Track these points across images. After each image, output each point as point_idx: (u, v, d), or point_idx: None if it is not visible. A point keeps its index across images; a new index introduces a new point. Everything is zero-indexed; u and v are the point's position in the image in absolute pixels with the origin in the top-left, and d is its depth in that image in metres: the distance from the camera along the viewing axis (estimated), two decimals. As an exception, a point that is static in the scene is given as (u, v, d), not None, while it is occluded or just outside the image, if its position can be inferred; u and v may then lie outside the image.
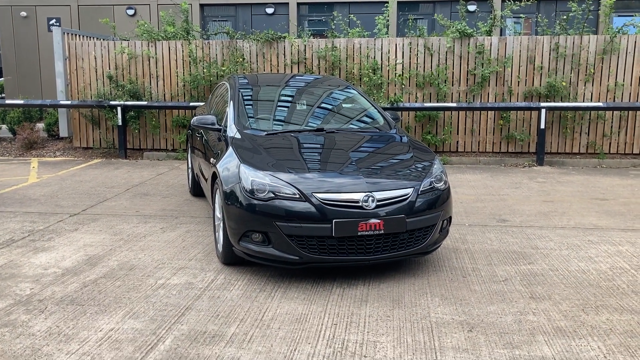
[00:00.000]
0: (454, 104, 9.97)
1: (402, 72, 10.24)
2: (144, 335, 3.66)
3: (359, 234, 4.26)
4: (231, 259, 4.77)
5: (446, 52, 10.17)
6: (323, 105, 6.05)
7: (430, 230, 4.57)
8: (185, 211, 6.83)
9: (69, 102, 10.75)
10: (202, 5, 17.32)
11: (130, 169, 9.79)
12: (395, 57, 10.26)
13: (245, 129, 5.28)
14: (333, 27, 10.85)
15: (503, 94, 10.22)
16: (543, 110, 9.72)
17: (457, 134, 10.43)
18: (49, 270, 4.83)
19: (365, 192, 4.32)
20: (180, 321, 3.86)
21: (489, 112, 10.22)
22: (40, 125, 12.31)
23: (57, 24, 17.59)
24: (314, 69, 10.40)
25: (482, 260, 5.08)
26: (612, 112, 10.09)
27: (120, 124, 10.50)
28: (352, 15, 16.11)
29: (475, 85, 10.16)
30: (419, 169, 4.78)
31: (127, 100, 10.51)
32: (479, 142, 10.42)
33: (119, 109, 10.42)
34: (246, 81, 6.17)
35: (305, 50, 10.40)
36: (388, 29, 15.11)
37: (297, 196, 4.30)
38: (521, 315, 3.93)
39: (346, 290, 4.38)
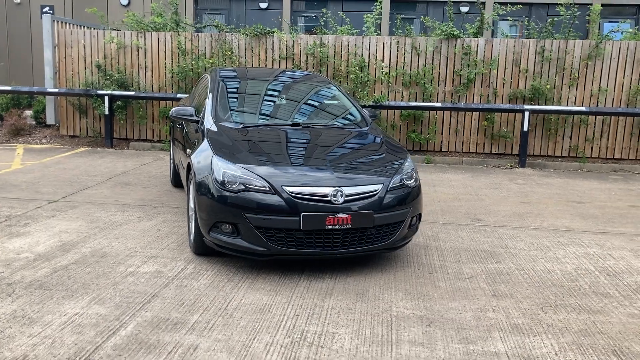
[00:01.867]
0: (439, 104, 10.04)
1: (389, 71, 10.30)
2: (107, 320, 3.72)
3: (327, 227, 4.32)
4: (202, 249, 4.83)
5: (433, 52, 10.24)
6: (301, 100, 6.11)
7: (399, 226, 4.64)
8: (164, 201, 6.88)
9: (56, 90, 10.75)
10: (196, -2, 17.34)
11: (114, 158, 9.82)
12: (383, 55, 10.32)
13: (222, 121, 5.34)
14: (322, 23, 10.90)
15: (488, 95, 10.30)
16: (526, 113, 9.80)
17: (442, 133, 10.51)
18: (22, 255, 4.87)
19: (334, 186, 4.39)
20: (145, 308, 3.92)
21: (474, 113, 10.30)
22: (29, 112, 12.31)
23: (50, 11, 17.57)
24: (302, 65, 10.45)
25: (451, 257, 5.15)
26: (595, 117, 10.19)
27: (107, 113, 10.53)
28: (344, 12, 16.19)
29: (460, 86, 10.24)
30: (390, 166, 4.84)
31: (114, 90, 10.53)
32: (462, 143, 10.50)
33: (106, 98, 10.45)
34: (227, 74, 6.22)
35: (293, 45, 10.45)
36: (380, 28, 15.22)
37: (267, 189, 4.36)
38: (481, 312, 4.01)
39: (313, 283, 4.45)
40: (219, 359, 3.28)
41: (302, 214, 4.29)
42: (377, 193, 4.52)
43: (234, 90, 6.00)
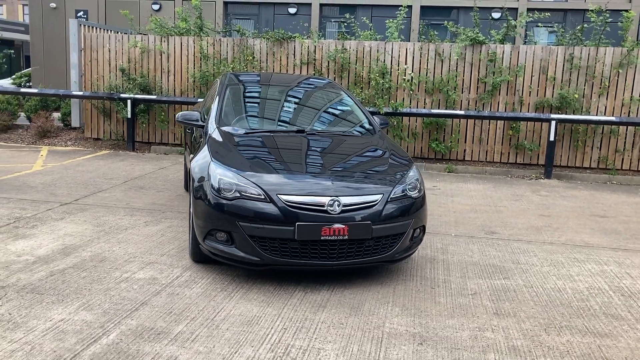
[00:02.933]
0: (462, 112, 9.80)
1: (412, 78, 10.11)
2: (92, 327, 3.66)
3: (322, 238, 4.19)
4: (199, 256, 4.75)
5: (457, 59, 10.00)
6: (309, 106, 6.00)
7: (399, 238, 4.47)
8: (175, 206, 6.85)
9: (81, 93, 10.91)
10: (225, 3, 17.44)
11: (134, 161, 9.89)
12: (406, 61, 10.14)
13: (225, 127, 5.26)
14: (344, 29, 10.78)
15: (514, 103, 10.00)
16: (553, 122, 9.48)
17: (465, 142, 10.25)
18: (22, 258, 4.88)
19: (331, 196, 4.25)
20: (131, 316, 3.85)
21: (498, 121, 10.02)
22: (56, 115, 12.54)
23: (85, 16, 17.94)
24: (323, 71, 10.35)
25: (457, 272, 4.95)
26: (626, 127, 9.79)
27: (129, 116, 10.62)
28: (374, 18, 16.02)
29: (485, 94, 9.97)
30: (393, 176, 4.68)
31: (137, 94, 10.62)
32: (486, 152, 10.22)
33: (128, 101, 10.54)
34: (236, 79, 6.16)
35: (315, 51, 10.35)
36: (408, 34, 15.01)
37: (262, 197, 4.26)
38: (479, 332, 3.82)
39: (308, 295, 4.32)
40: (195, 373, 3.18)
41: (297, 223, 4.16)
42: (377, 203, 4.36)
43: (241, 95, 5.92)
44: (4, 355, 3.28)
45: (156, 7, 17.43)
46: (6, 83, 19.64)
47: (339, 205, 4.24)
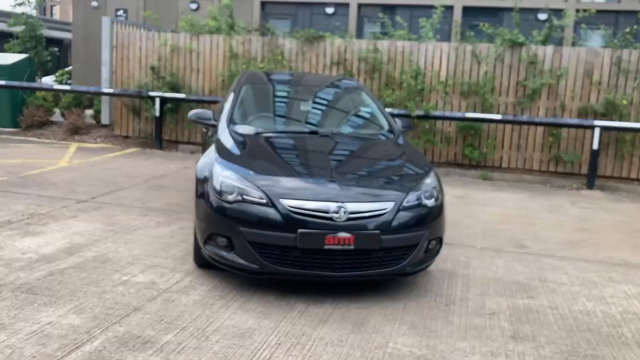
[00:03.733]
0: (499, 116, 9.33)
1: (447, 79, 9.71)
2: (78, 333, 3.48)
3: (326, 247, 3.91)
4: (202, 260, 4.53)
5: (495, 61, 9.55)
6: (326, 107, 5.73)
7: (411, 250, 4.14)
8: (191, 207, 6.53)
9: (110, 91, 10.93)
10: (263, 3, 17.32)
11: (160, 160, 9.80)
12: (440, 63, 9.75)
13: (235, 127, 5.03)
14: (382, 29, 10.46)
15: (555, 108, 9.47)
16: (597, 129, 8.92)
17: (502, 148, 9.77)
18: (25, 256, 4.77)
19: (337, 202, 3.96)
20: (121, 322, 3.66)
21: (538, 127, 9.50)
22: (89, 112, 12.62)
23: (124, 15, 18.14)
24: (354, 71, 10.05)
25: (477, 288, 4.59)
26: (679, 137, 9.14)
27: (157, 115, 10.56)
28: (415, 18, 15.61)
29: (524, 98, 9.48)
30: (407, 183, 4.36)
31: (166, 92, 10.55)
32: (524, 159, 9.71)
33: (157, 100, 10.48)
34: (253, 78, 5.94)
35: (345, 51, 10.07)
36: (450, 35, 14.54)
37: (264, 201, 4.00)
38: (491, 356, 3.47)
39: (310, 307, 4.04)
40: (174, 390, 2.95)
41: (299, 230, 3.89)
42: (387, 212, 4.05)
43: (256, 94, 5.70)
44: (-20, 360, 3.13)
45: (194, 6, 17.46)
46: (50, 80, 20.04)
47: (345, 213, 3.94)
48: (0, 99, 11.77)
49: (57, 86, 11.74)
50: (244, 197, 4.05)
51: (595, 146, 9.00)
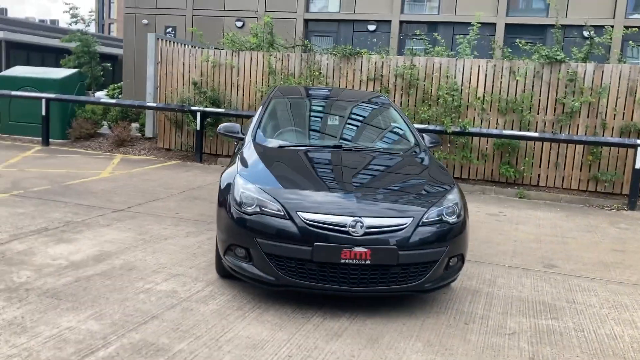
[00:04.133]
0: (536, 134, 9.15)
1: (484, 96, 9.60)
2: (95, 338, 3.58)
3: (342, 261, 3.91)
4: (223, 270, 4.60)
5: (533, 78, 9.39)
6: (352, 122, 5.75)
7: (430, 266, 4.10)
8: (221, 219, 6.78)
9: (154, 105, 11.26)
10: (306, 21, 17.58)
11: (198, 172, 10.01)
12: (477, 79, 9.65)
13: (260, 140, 5.12)
14: (412, 46, 10.43)
15: (595, 127, 9.22)
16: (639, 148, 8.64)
17: (540, 166, 9.56)
18: (56, 262, 4.94)
19: (354, 216, 3.97)
20: (137, 329, 3.74)
21: (577, 145, 9.27)
22: (135, 125, 13.02)
23: (173, 32, 18.70)
24: (390, 87, 10.05)
25: (499, 307, 4.49)
26: None
27: (198, 128, 10.81)
28: (457, 35, 15.52)
29: (563, 115, 9.27)
30: (429, 199, 4.32)
31: (207, 107, 10.80)
32: (563, 178, 9.47)
33: (198, 114, 10.74)
34: (282, 92, 6.02)
35: (382, 67, 10.09)
36: (490, 52, 14.37)
37: (281, 213, 4.04)
38: (505, 378, 3.38)
39: (326, 321, 4.04)
40: (180, 396, 3.00)
41: (315, 243, 3.91)
42: (406, 227, 4.03)
43: (283, 108, 5.77)
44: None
45: (239, 24, 17.87)
46: (102, 94, 20.81)
47: (362, 227, 3.94)
48: (51, 111, 12.28)
49: (103, 99, 12.18)
50: (263, 209, 4.10)
51: (637, 165, 8.70)
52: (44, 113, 11.70)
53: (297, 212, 4.01)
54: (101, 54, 22.10)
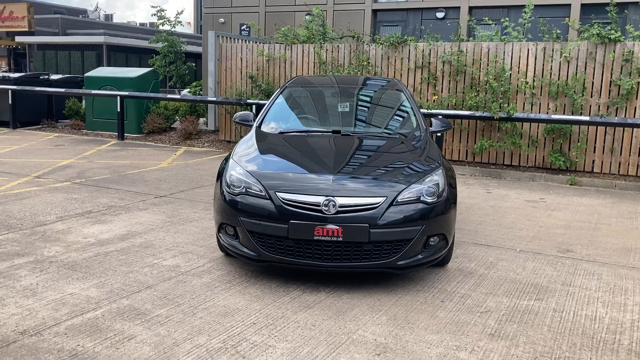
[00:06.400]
0: (586, 118, 8.76)
1: (534, 80, 9.30)
2: (89, 303, 4.03)
3: (315, 238, 4.12)
4: (222, 248, 4.94)
5: (586, 59, 8.98)
6: (358, 107, 5.88)
7: (404, 244, 4.21)
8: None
9: (214, 99, 11.88)
10: (374, 11, 17.64)
11: (250, 162, 10.47)
12: (527, 63, 9.37)
13: (263, 127, 5.41)
14: (458, 30, 10.26)
15: (655, 108, 8.69)
16: (702, 131, 8.06)
17: (594, 152, 9.14)
18: (85, 240, 5.51)
19: (327, 196, 4.16)
20: (129, 297, 4.16)
21: (635, 129, 8.77)
22: (203, 120, 13.76)
23: (247, 29, 19.41)
24: (438, 74, 9.99)
25: (485, 288, 4.50)
26: None
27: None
28: (535, 18, 15.01)
29: (618, 98, 8.81)
30: (407, 179, 4.41)
31: (262, 99, 11.25)
32: (619, 164, 9.00)
33: (253, 107, 11.22)
34: (296, 82, 6.27)
35: (430, 54, 10.04)
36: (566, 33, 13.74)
37: (262, 194, 4.31)
38: (454, 350, 3.46)
39: (304, 295, 4.27)
40: (140, 352, 3.35)
41: (290, 221, 4.15)
42: (378, 206, 4.16)
43: (294, 97, 6.01)
44: (4, 316, 3.77)
45: (309, 18, 18.21)
46: (186, 92, 21.98)
47: (334, 206, 4.13)
48: (127, 108, 13.28)
49: (169, 95, 12.98)
50: (248, 190, 4.40)
51: (702, 149, 8.13)
52: (118, 109, 12.67)
53: (276, 193, 4.26)
54: (190, 53, 23.28)
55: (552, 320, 3.92)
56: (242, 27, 19.33)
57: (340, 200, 4.15)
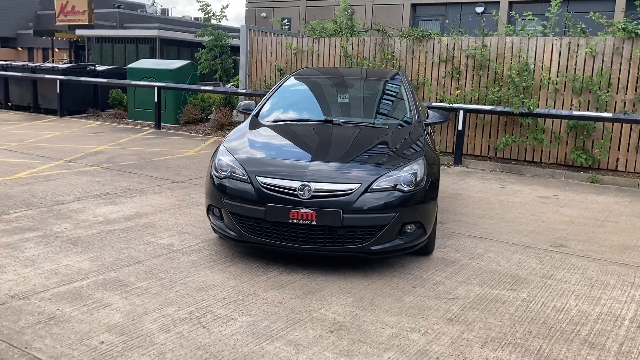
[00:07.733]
0: (609, 114, 8.56)
1: (557, 75, 9.15)
2: (79, 274, 4.34)
3: (291, 221, 4.29)
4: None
5: (612, 55, 8.77)
6: (356, 98, 5.99)
7: (377, 230, 4.33)
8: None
9: (243, 91, 12.19)
10: (413, 5, 17.58)
11: (274, 153, 10.72)
12: (551, 58, 9.22)
13: (260, 116, 5.62)
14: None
15: (683, 106, 8.41)
16: None
17: (618, 150, 8.92)
18: (95, 218, 5.87)
19: (303, 181, 4.33)
20: (117, 270, 4.45)
21: (661, 127, 8.52)
22: (235, 111, 14.11)
23: (288, 23, 19.71)
24: (461, 68, 9.95)
25: (462, 277, 4.57)
26: None
27: (280, 112, 11.54)
28: (573, 13, 14.67)
29: (645, 94, 8.58)
30: (385, 167, 4.52)
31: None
32: (644, 162, 8.77)
33: (281, 98, 11.47)
34: (299, 74, 6.45)
35: (454, 48, 10.01)
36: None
37: (244, 178, 4.52)
38: (407, 332, 3.57)
39: (281, 275, 4.45)
40: (110, 318, 3.62)
41: (267, 204, 4.34)
42: (352, 192, 4.30)
43: (294, 88, 6.18)
44: (1, 282, 4.13)
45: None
46: (229, 85, 22.53)
47: (309, 191, 4.29)
48: (165, 99, 13.77)
49: (203, 87, 13.35)
50: (232, 174, 4.62)
51: None
52: (155, 100, 13.17)
53: (257, 177, 4.46)
54: (236, 46, 23.83)
55: (517, 310, 3.97)
56: (283, 22, 19.63)
57: (316, 186, 4.31)
